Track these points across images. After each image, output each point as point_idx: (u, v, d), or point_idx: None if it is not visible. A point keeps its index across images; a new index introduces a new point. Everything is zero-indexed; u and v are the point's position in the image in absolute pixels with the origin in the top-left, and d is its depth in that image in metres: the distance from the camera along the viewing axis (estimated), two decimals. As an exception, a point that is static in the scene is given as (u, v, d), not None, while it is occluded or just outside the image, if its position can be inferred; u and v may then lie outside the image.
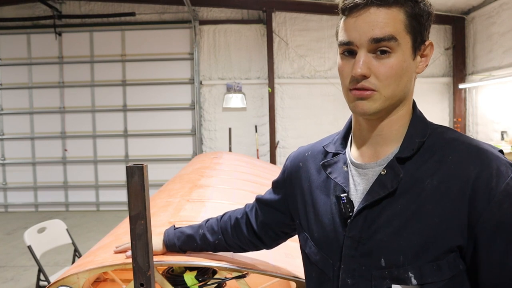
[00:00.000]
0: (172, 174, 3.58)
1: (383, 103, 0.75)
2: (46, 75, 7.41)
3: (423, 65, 0.78)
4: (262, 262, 1.22)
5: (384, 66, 0.73)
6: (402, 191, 0.74)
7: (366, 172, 0.80)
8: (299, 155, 1.01)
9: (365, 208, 0.77)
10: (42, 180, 7.53)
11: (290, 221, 1.01)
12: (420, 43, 0.76)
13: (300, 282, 1.16)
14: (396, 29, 0.72)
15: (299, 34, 7.20)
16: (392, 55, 0.73)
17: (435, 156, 0.74)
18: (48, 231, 3.12)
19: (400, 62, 0.73)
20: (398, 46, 0.73)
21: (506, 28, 5.85)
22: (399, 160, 0.76)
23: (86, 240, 5.05)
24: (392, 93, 0.74)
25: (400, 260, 0.72)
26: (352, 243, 0.77)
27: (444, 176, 0.72)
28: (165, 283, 1.20)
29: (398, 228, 0.73)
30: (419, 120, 0.80)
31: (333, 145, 0.91)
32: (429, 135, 0.77)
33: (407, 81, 0.76)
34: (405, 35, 0.73)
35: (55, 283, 1.21)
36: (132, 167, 0.84)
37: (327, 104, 7.22)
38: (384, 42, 0.72)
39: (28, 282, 4.04)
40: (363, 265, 0.76)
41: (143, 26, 7.29)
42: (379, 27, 0.72)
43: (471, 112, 6.90)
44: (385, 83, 0.73)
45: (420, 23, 0.75)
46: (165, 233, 1.19)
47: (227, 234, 1.13)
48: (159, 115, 7.39)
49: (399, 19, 0.72)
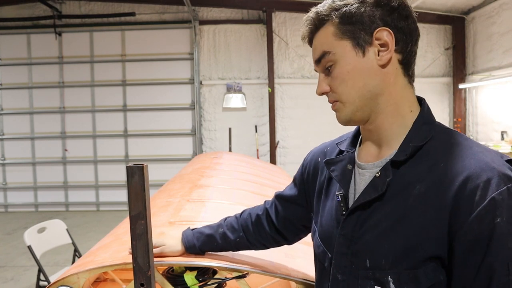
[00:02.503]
0: (172, 174, 3.58)
1: (350, 109, 0.79)
2: (46, 75, 7.41)
3: (384, 55, 0.76)
4: (262, 262, 1.22)
5: (333, 78, 0.80)
6: (392, 194, 0.74)
7: (364, 172, 0.81)
8: (319, 151, 1.02)
9: (357, 208, 0.78)
10: (42, 180, 7.53)
11: (309, 214, 1.02)
12: (368, 38, 0.76)
13: (300, 282, 1.16)
14: (327, 43, 0.79)
15: (299, 34, 7.15)
16: (334, 66, 0.79)
17: (429, 162, 0.72)
18: (48, 231, 3.12)
19: (342, 68, 0.77)
20: (335, 56, 0.78)
21: (506, 28, 5.85)
22: (394, 163, 0.75)
23: (86, 240, 5.05)
24: (349, 97, 0.78)
25: (382, 263, 0.72)
26: (344, 241, 0.79)
27: (432, 183, 0.70)
28: (165, 283, 1.20)
29: (384, 231, 0.73)
30: (423, 122, 0.77)
31: (345, 143, 0.92)
32: (430, 139, 0.75)
33: (364, 79, 0.76)
34: (340, 42, 0.77)
35: (55, 283, 1.21)
36: (132, 167, 0.84)
37: (327, 104, 6.98)
38: (322, 61, 0.80)
39: (28, 282, 4.04)
40: (353, 263, 0.77)
41: (143, 26, 7.29)
42: (315, 50, 0.82)
43: (471, 112, 6.90)
44: (339, 92, 0.79)
45: (354, 22, 0.76)
46: (183, 234, 1.18)
47: (248, 232, 1.13)
48: (159, 115, 7.40)
49: (329, 33, 0.79)
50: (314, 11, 0.83)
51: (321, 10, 0.81)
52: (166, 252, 1.15)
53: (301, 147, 7.30)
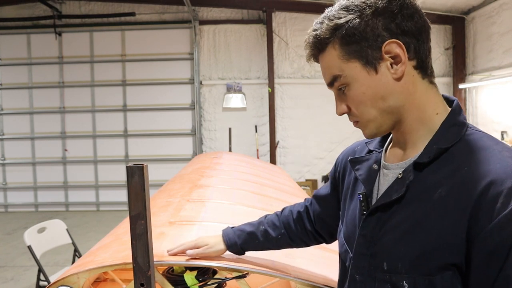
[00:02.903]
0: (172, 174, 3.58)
1: (374, 126, 0.77)
2: (46, 75, 7.41)
3: (398, 68, 0.72)
4: (262, 262, 1.22)
5: (349, 100, 0.77)
6: (412, 197, 0.71)
7: (388, 173, 0.79)
8: (350, 149, 1.00)
9: (378, 209, 0.76)
10: (42, 180, 7.53)
11: None
12: (376, 54, 0.72)
13: (300, 282, 1.16)
14: (335, 67, 0.75)
15: (299, 34, 7.20)
16: (348, 88, 0.76)
17: (452, 165, 0.69)
18: (48, 231, 3.12)
19: (357, 89, 0.75)
20: (347, 78, 0.75)
21: (506, 28, 5.85)
22: (417, 165, 0.72)
23: (86, 240, 5.05)
24: (371, 116, 0.76)
25: (399, 267, 0.71)
26: (364, 241, 0.78)
27: (453, 187, 0.67)
28: (165, 283, 1.20)
29: (402, 234, 0.71)
30: (453, 124, 0.73)
31: (374, 143, 0.90)
32: (458, 141, 0.71)
33: (383, 96, 0.73)
34: (348, 63, 0.74)
35: (55, 283, 1.21)
36: (132, 167, 0.84)
37: (327, 104, 7.21)
38: (335, 84, 0.77)
39: (28, 282, 4.04)
40: (371, 264, 0.76)
41: (143, 26, 7.29)
42: (325, 73, 0.79)
43: (471, 112, 6.90)
44: (358, 113, 0.77)
45: (357, 41, 0.72)
46: (224, 233, 1.17)
47: (290, 229, 1.12)
48: (159, 115, 7.40)
49: (334, 56, 0.75)
50: (312, 35, 0.79)
51: (319, 33, 0.76)
52: (209, 252, 1.13)
53: (301, 147, 7.30)
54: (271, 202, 2.15)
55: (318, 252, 1.44)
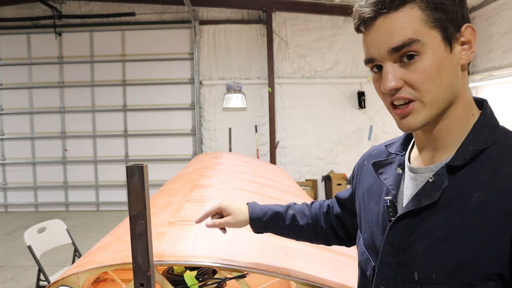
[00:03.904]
0: (172, 174, 3.58)
1: (429, 112, 0.68)
2: (46, 75, 7.41)
3: (467, 54, 0.69)
4: (262, 262, 1.22)
5: (415, 72, 0.66)
6: (446, 202, 0.67)
7: (416, 177, 0.74)
8: (368, 154, 0.96)
9: (406, 215, 0.71)
10: (42, 180, 7.53)
11: None
12: (455, 32, 0.67)
13: (300, 282, 1.16)
14: (414, 29, 0.65)
15: (299, 34, 7.20)
16: (420, 57, 0.66)
17: (490, 168, 0.65)
18: (48, 231, 3.12)
19: (432, 62, 0.66)
20: (424, 47, 0.65)
21: (506, 28, 5.85)
22: (450, 168, 0.68)
23: (86, 240, 5.05)
24: (434, 97, 0.67)
25: (433, 277, 0.66)
26: (390, 250, 0.73)
27: (493, 191, 0.63)
28: (165, 283, 1.20)
29: (436, 242, 0.67)
30: (485, 125, 0.70)
31: (395, 145, 0.86)
32: (493, 143, 0.68)
33: (450, 79, 0.67)
34: (429, 31, 0.65)
35: (55, 283, 1.21)
36: (132, 167, 0.84)
37: (327, 104, 7.22)
38: (405, 48, 0.66)
39: (28, 282, 4.04)
40: (398, 274, 0.72)
41: (143, 26, 7.29)
42: (394, 34, 0.66)
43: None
44: (422, 90, 0.67)
45: (445, 11, 0.66)
46: (250, 205, 1.12)
47: (317, 221, 1.09)
48: (159, 115, 7.40)
49: (415, 17, 0.65)
50: None
51: None
52: (231, 222, 1.08)
53: (301, 147, 7.30)
54: (271, 202, 2.15)
55: (318, 252, 1.44)
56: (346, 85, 7.12)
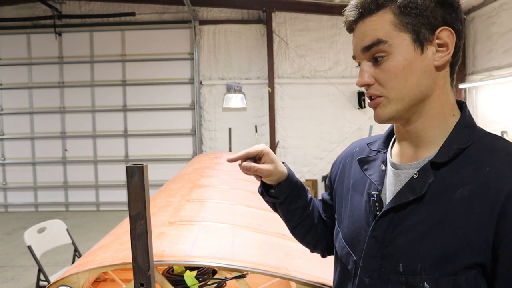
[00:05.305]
0: (172, 174, 3.58)
1: (394, 107, 0.74)
2: (46, 75, 7.41)
3: (442, 56, 0.72)
4: (262, 262, 1.22)
5: (383, 71, 0.74)
6: (430, 197, 0.71)
7: (400, 173, 0.78)
8: (348, 151, 0.98)
9: (391, 210, 0.75)
10: (42, 180, 7.53)
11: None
12: (429, 35, 0.72)
13: (300, 282, 1.16)
14: (384, 31, 0.72)
15: (299, 34, 7.20)
16: (388, 58, 0.73)
17: (472, 165, 0.70)
18: (48, 231, 3.12)
19: (397, 62, 0.72)
20: (391, 48, 0.72)
21: (506, 28, 5.85)
22: (434, 165, 0.72)
23: (86, 240, 5.05)
24: (400, 95, 0.73)
25: (418, 268, 0.70)
26: (374, 243, 0.77)
27: (476, 187, 0.67)
28: (165, 283, 1.20)
29: (420, 235, 0.71)
30: (465, 126, 0.75)
31: (377, 143, 0.89)
32: (473, 143, 0.72)
33: (418, 78, 0.72)
34: (398, 34, 0.72)
35: (55, 283, 1.21)
36: (132, 167, 0.84)
37: (327, 104, 7.22)
38: (374, 48, 0.73)
39: (28, 282, 4.04)
40: (382, 267, 0.75)
41: (143, 26, 7.29)
42: (367, 35, 0.74)
43: (471, 112, 6.90)
44: (387, 87, 0.74)
45: (418, 15, 0.71)
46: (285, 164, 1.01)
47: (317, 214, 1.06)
48: (159, 115, 7.40)
49: (386, 21, 0.72)
50: None
51: None
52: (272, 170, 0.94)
53: (301, 147, 7.30)
54: (271, 202, 2.15)
55: (318, 252, 1.44)
56: (346, 85, 7.12)
